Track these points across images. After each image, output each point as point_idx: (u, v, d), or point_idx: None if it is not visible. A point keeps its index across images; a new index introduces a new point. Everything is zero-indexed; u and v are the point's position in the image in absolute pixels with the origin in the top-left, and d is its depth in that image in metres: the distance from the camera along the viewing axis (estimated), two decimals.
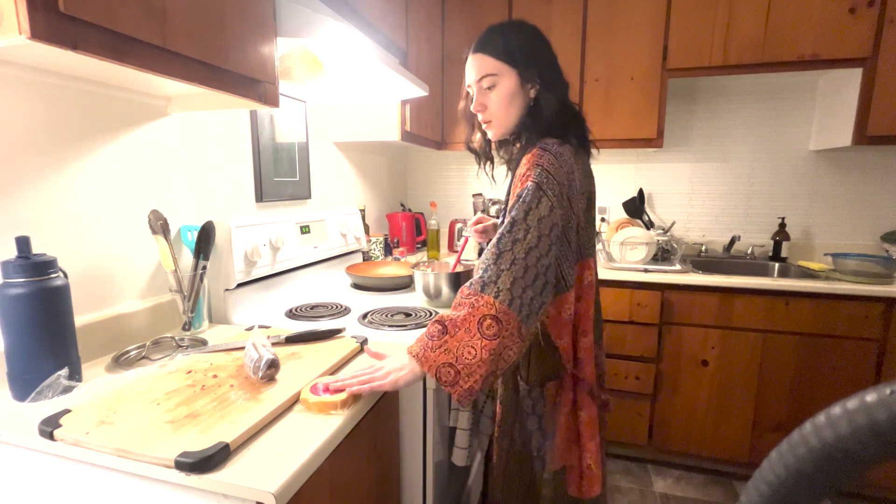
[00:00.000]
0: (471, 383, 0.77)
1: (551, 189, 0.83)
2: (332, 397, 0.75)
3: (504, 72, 0.93)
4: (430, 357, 0.78)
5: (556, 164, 0.85)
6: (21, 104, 0.84)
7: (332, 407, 0.74)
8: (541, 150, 0.87)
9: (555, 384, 0.96)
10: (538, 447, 0.97)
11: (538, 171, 0.85)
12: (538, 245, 0.81)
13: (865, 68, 1.83)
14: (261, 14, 0.94)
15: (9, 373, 0.77)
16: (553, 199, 0.83)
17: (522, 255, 0.80)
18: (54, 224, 0.91)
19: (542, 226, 0.82)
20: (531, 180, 0.84)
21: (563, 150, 0.88)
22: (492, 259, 0.81)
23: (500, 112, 0.96)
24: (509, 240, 0.81)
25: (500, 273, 0.80)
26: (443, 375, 0.77)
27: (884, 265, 1.78)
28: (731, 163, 2.32)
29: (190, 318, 1.10)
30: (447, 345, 0.78)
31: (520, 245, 0.81)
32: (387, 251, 2.12)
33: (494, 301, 0.78)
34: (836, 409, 0.30)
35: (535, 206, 0.82)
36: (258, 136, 1.45)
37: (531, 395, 0.96)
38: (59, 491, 0.67)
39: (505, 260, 0.80)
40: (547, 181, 0.84)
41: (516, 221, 0.82)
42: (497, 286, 0.79)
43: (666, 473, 2.03)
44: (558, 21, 2.11)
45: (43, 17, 0.56)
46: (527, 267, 0.80)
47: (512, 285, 0.79)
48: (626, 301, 1.93)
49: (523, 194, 0.83)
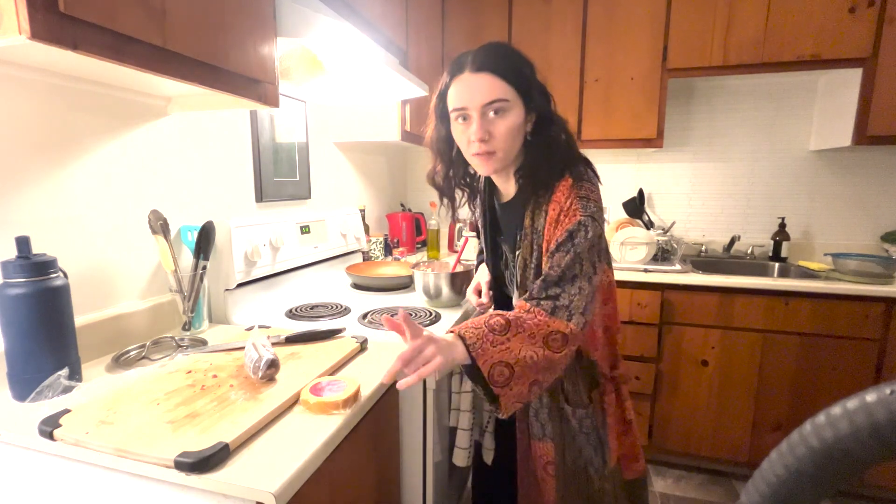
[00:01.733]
0: (521, 387, 0.75)
1: (599, 217, 0.85)
2: (332, 396, 0.74)
3: (514, 100, 0.85)
4: (488, 350, 0.74)
5: (595, 191, 0.87)
6: (21, 104, 0.84)
7: (333, 407, 0.73)
8: (577, 180, 0.86)
9: (597, 392, 0.97)
10: (591, 458, 0.97)
11: (585, 203, 0.83)
12: (596, 270, 0.84)
13: (865, 68, 1.83)
14: (261, 14, 0.94)
15: (9, 373, 0.77)
16: (601, 227, 0.86)
17: (587, 282, 0.82)
18: (54, 224, 0.91)
19: (595, 254, 0.84)
20: (583, 215, 0.82)
21: (591, 175, 0.90)
22: (558, 287, 0.82)
23: (506, 143, 0.86)
24: (577, 270, 0.82)
25: (572, 299, 0.81)
26: (496, 374, 0.73)
27: (884, 265, 1.78)
28: (731, 163, 2.32)
29: (190, 318, 1.10)
30: (509, 343, 0.75)
31: (584, 274, 0.82)
32: (387, 251, 2.12)
33: (568, 324, 0.80)
34: (836, 409, 0.30)
35: (595, 239, 0.83)
36: (258, 136, 1.45)
37: (576, 416, 0.96)
38: (59, 491, 0.67)
39: (575, 287, 0.81)
40: (597, 211, 0.85)
41: (581, 255, 0.82)
42: (569, 311, 0.80)
43: (666, 473, 2.03)
44: (558, 21, 2.11)
45: (43, 17, 0.56)
46: (591, 292, 0.83)
47: (584, 309, 0.82)
48: (626, 301, 1.93)
49: (580, 231, 0.82)
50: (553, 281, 0.82)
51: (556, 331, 0.78)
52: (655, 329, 1.92)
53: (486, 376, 0.73)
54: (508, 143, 0.87)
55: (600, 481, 0.98)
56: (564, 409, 0.97)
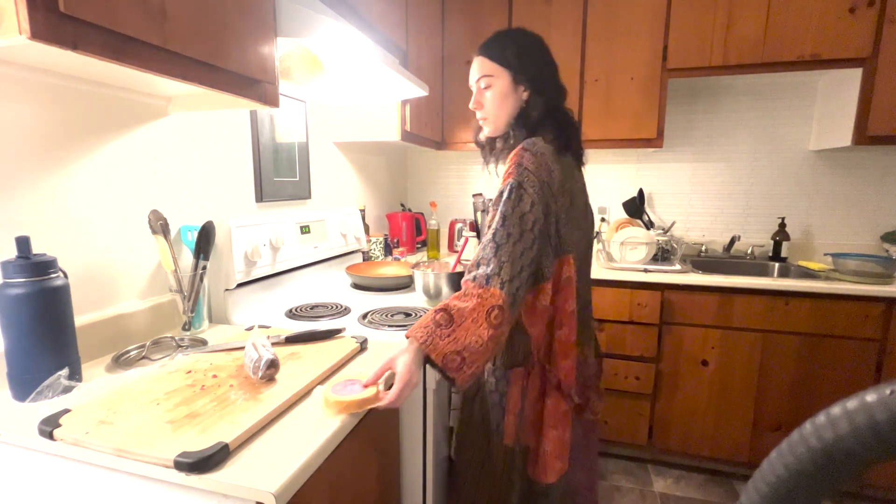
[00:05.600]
0: (474, 369, 0.84)
1: (532, 186, 0.90)
2: (353, 396, 0.73)
3: (498, 73, 1.00)
4: (438, 345, 0.82)
5: (536, 163, 0.91)
6: (21, 104, 0.84)
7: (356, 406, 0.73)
8: (522, 149, 0.93)
9: (522, 371, 1.00)
10: (497, 421, 1.02)
11: (520, 169, 0.91)
12: (522, 239, 0.88)
13: (865, 68, 1.83)
14: (261, 14, 0.94)
15: (9, 373, 0.77)
16: (534, 196, 0.89)
17: (511, 248, 0.87)
18: (54, 224, 0.91)
19: (525, 221, 0.89)
20: (513, 178, 0.90)
21: (543, 150, 0.94)
22: (491, 252, 0.88)
23: (493, 111, 1.03)
24: (504, 233, 0.88)
25: (501, 265, 0.86)
26: (449, 363, 0.82)
27: (884, 265, 1.78)
28: (731, 163, 2.32)
29: (190, 318, 1.10)
30: (455, 333, 0.83)
31: (512, 239, 0.88)
32: (387, 251, 2.12)
33: (500, 292, 0.85)
34: (836, 409, 0.30)
35: (518, 202, 0.89)
36: (258, 136, 1.45)
37: (495, 374, 1.02)
38: (59, 491, 0.67)
39: (504, 252, 0.87)
40: (527, 179, 0.90)
41: (506, 217, 0.89)
42: (500, 277, 0.86)
43: (666, 473, 2.03)
44: (558, 21, 2.11)
45: (43, 17, 0.56)
46: (513, 260, 0.87)
47: (511, 277, 0.86)
48: (626, 301, 1.93)
49: (506, 191, 0.90)
50: (484, 244, 0.90)
51: (493, 306, 0.84)
52: (655, 329, 1.92)
53: (441, 366, 0.83)
54: (495, 110, 1.02)
55: (497, 455, 1.01)
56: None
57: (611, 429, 2.05)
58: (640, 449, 2.09)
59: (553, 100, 1.02)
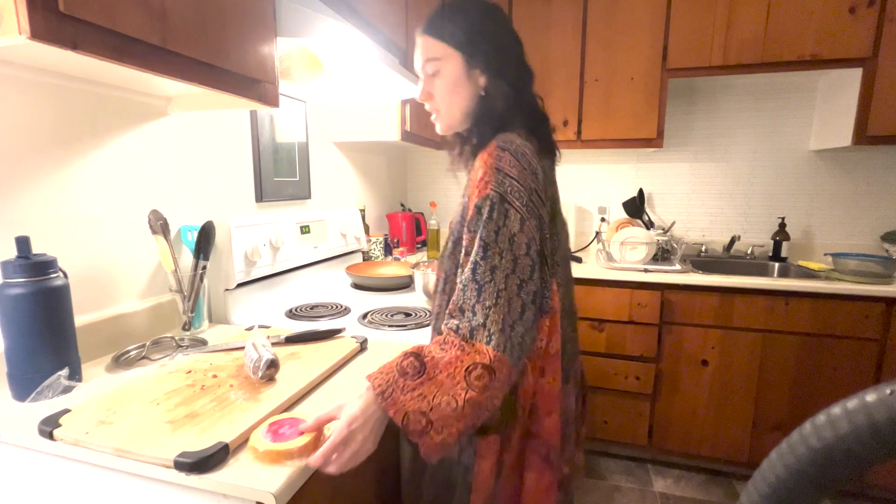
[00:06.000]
0: (444, 436, 0.63)
1: (518, 198, 0.69)
2: (284, 445, 0.60)
3: (448, 56, 0.80)
4: (398, 399, 0.63)
5: (519, 166, 0.71)
6: (21, 104, 0.84)
7: (286, 457, 0.60)
8: (499, 148, 0.72)
9: (496, 439, 0.75)
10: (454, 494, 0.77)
11: (499, 176, 0.70)
12: (516, 269, 0.68)
13: (865, 68, 1.83)
14: (261, 14, 0.94)
15: (9, 373, 0.77)
16: (522, 210, 0.69)
17: (504, 284, 0.66)
18: (54, 224, 0.91)
19: (517, 245, 0.68)
20: (492, 188, 0.69)
21: (524, 148, 0.74)
22: (473, 295, 0.67)
23: (444, 102, 0.83)
24: (486, 268, 0.67)
25: (487, 312, 0.65)
26: (412, 423, 0.62)
27: (884, 265, 1.78)
28: (731, 163, 2.32)
29: (190, 318, 1.10)
30: (423, 388, 0.63)
31: (500, 273, 0.67)
32: (387, 251, 2.12)
33: (488, 348, 0.64)
34: (836, 409, 0.30)
35: (503, 222, 0.68)
36: (258, 136, 1.45)
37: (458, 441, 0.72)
38: (59, 491, 0.67)
39: (489, 293, 0.66)
40: (511, 189, 0.69)
41: (489, 244, 0.68)
42: (487, 329, 0.65)
43: (666, 473, 2.03)
44: (558, 21, 2.11)
45: (43, 17, 0.56)
46: (510, 298, 0.66)
47: (503, 325, 0.65)
48: (626, 301, 1.93)
49: (485, 208, 0.69)
50: (463, 284, 0.69)
51: (474, 364, 0.63)
52: (655, 329, 1.92)
53: (401, 426, 0.62)
54: (446, 99, 0.82)
55: None
56: None
57: (611, 429, 2.05)
58: (640, 449, 2.09)
59: (518, 85, 0.82)
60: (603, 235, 2.27)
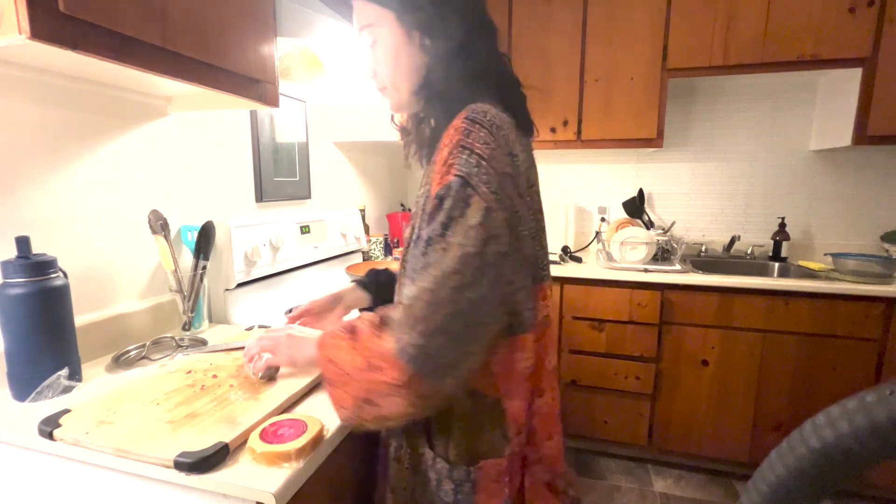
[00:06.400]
0: (340, 393, 0.59)
1: (486, 182, 0.56)
2: (282, 446, 0.60)
3: (381, 19, 0.67)
4: (328, 343, 0.63)
5: (491, 142, 0.58)
6: (21, 104, 0.84)
7: (283, 458, 0.60)
8: (468, 120, 0.59)
9: (495, 465, 0.65)
10: None
11: (464, 157, 0.57)
12: (460, 269, 0.54)
13: (865, 68, 1.83)
14: (261, 14, 0.94)
15: (9, 373, 0.77)
16: (490, 198, 0.56)
17: (433, 284, 0.54)
18: (54, 224, 0.91)
19: (471, 241, 0.54)
20: (454, 172, 0.57)
21: (500, 121, 0.61)
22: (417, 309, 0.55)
23: (386, 73, 0.70)
24: (429, 279, 0.55)
25: (421, 337, 0.54)
26: (330, 371, 0.61)
27: (884, 265, 1.78)
28: (731, 163, 2.32)
29: (190, 318, 1.10)
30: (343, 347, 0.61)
31: (433, 271, 0.55)
32: (387, 251, 2.12)
33: (390, 349, 0.56)
34: (835, 409, 0.30)
35: (459, 213, 0.55)
36: (258, 136, 1.45)
37: (452, 478, 0.65)
38: (59, 491, 0.67)
39: (416, 295, 0.55)
40: (478, 170, 0.56)
41: (432, 240, 0.57)
42: (399, 331, 0.56)
43: (666, 473, 2.03)
44: (558, 21, 2.11)
45: (43, 17, 0.56)
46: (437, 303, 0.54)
47: (440, 365, 0.55)
48: (626, 301, 1.93)
49: (447, 197, 0.56)
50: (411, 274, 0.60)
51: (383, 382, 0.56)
52: (655, 329, 1.92)
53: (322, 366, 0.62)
54: (388, 72, 0.70)
55: None
56: (423, 453, 0.68)
57: (611, 429, 2.05)
58: (640, 449, 2.09)
59: (471, 44, 0.65)
60: (603, 235, 2.27)
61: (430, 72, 0.67)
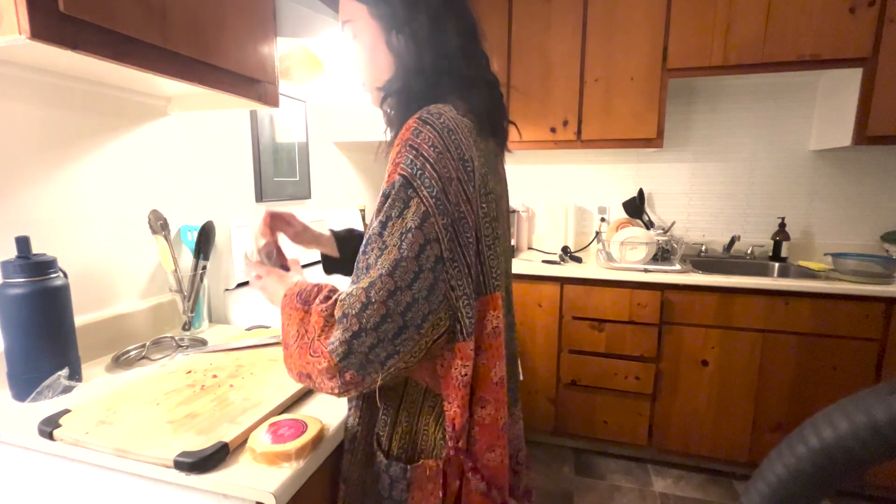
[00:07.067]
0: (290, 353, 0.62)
1: (428, 186, 0.56)
2: (282, 446, 0.61)
3: (358, 14, 0.68)
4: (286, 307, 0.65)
5: (439, 145, 0.57)
6: (21, 104, 0.84)
7: (283, 458, 0.60)
8: (419, 121, 0.59)
9: (434, 466, 0.64)
10: None
11: (410, 157, 0.57)
12: (394, 273, 0.55)
13: (865, 68, 1.83)
14: (260, 14, 0.94)
15: (9, 373, 0.77)
16: (430, 202, 0.56)
17: (378, 295, 0.55)
18: (54, 224, 0.91)
19: (407, 244, 0.55)
20: (399, 171, 0.57)
21: (454, 124, 0.59)
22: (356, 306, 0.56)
23: (364, 69, 0.72)
24: (377, 281, 0.55)
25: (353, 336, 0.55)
26: (284, 334, 0.64)
27: (884, 265, 1.78)
28: (731, 163, 2.32)
29: (190, 318, 1.10)
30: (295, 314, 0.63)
31: (373, 272, 0.56)
32: None
33: (326, 342, 0.57)
34: (835, 408, 0.30)
35: (397, 213, 0.56)
36: (258, 136, 1.45)
37: (390, 472, 0.65)
38: (59, 491, 0.67)
39: (355, 301, 0.56)
40: (422, 173, 0.56)
41: (371, 239, 0.58)
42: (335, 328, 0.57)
43: (666, 473, 2.03)
44: (558, 21, 2.11)
45: (43, 17, 0.56)
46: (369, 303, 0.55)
47: (366, 361, 0.56)
48: (625, 301, 1.93)
49: (388, 192, 0.57)
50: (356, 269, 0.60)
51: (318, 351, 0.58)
52: (655, 329, 1.92)
53: (281, 326, 0.64)
54: (365, 68, 0.71)
55: None
56: (375, 454, 0.67)
57: (610, 429, 2.05)
58: (640, 449, 2.09)
59: (436, 39, 0.64)
60: (603, 235, 2.27)
61: (396, 69, 0.67)
